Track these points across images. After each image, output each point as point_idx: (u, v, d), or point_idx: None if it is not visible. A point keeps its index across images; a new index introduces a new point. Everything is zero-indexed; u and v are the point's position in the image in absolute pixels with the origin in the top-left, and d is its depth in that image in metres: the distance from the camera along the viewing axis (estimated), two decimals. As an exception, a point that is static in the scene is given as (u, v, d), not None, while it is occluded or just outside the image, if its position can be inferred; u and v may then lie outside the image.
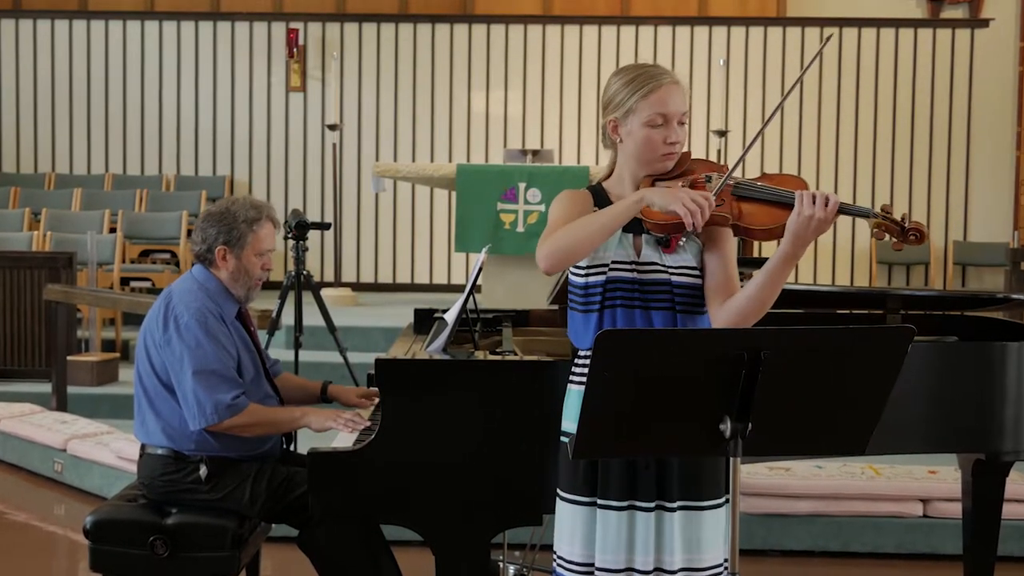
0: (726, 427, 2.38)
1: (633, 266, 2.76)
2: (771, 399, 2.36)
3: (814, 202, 2.57)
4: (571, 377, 2.87)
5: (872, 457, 5.41)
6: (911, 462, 5.39)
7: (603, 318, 2.77)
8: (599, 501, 2.76)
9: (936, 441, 3.57)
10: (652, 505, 2.74)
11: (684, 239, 2.76)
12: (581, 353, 2.84)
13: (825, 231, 2.60)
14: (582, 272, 2.80)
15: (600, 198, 2.86)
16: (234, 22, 11.55)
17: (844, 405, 2.44)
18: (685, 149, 2.83)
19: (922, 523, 5.15)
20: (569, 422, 2.83)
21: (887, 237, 2.65)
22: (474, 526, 3.12)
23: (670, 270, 2.75)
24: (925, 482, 5.21)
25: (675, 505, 2.73)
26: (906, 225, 2.62)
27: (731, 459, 2.42)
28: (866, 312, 4.36)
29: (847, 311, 4.48)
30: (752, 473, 5.16)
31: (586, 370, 2.72)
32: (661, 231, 2.70)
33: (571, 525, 2.80)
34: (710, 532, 2.76)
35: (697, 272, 2.78)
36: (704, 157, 2.88)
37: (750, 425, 2.38)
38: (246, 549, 3.70)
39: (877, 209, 2.64)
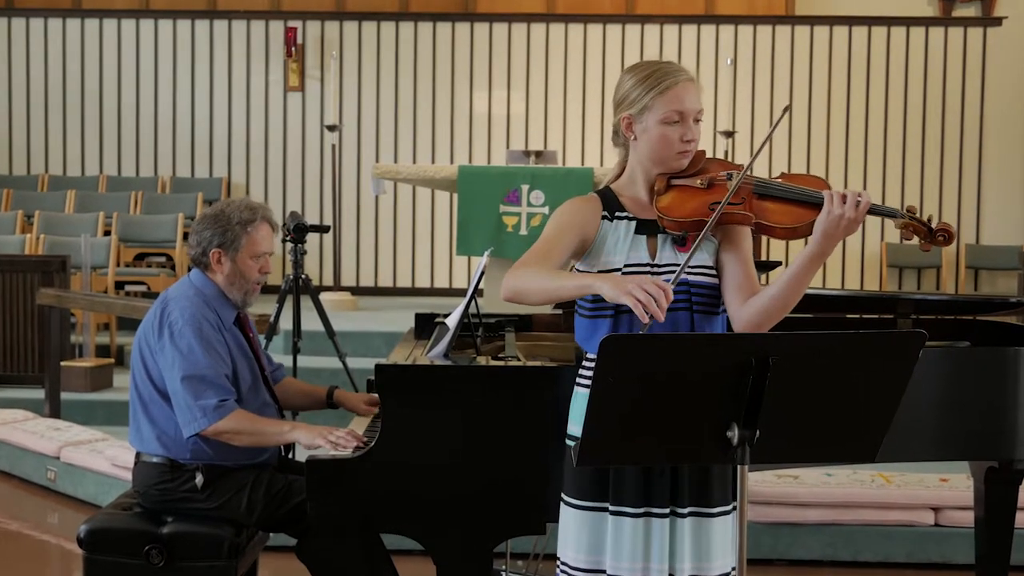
0: (733, 434, 2.38)
1: (650, 268, 2.77)
2: (779, 405, 2.36)
3: (844, 201, 2.59)
4: (578, 380, 2.87)
5: (883, 465, 5.40)
6: (922, 470, 5.39)
7: (619, 323, 2.78)
8: (611, 508, 2.76)
9: (948, 448, 3.57)
10: (667, 511, 2.74)
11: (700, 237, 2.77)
12: (589, 356, 2.84)
13: (854, 231, 2.62)
14: None
15: (610, 202, 2.86)
16: (231, 20, 11.56)
17: (854, 412, 2.44)
18: (700, 148, 2.85)
19: (934, 532, 5.14)
20: (575, 425, 2.83)
21: (915, 238, 2.67)
22: (476, 535, 3.12)
23: (688, 270, 2.75)
24: (937, 490, 5.20)
25: (686, 511, 2.74)
26: (934, 226, 2.66)
27: (738, 467, 2.42)
28: (876, 317, 4.36)
29: (857, 315, 4.48)
30: (760, 481, 5.16)
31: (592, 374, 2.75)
32: (679, 228, 2.73)
33: (577, 530, 2.80)
34: (719, 539, 2.76)
35: (713, 271, 2.80)
36: (714, 157, 2.90)
37: (758, 432, 2.38)
38: (243, 559, 3.71)
39: (903, 210, 2.67)
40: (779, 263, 4.17)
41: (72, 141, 11.64)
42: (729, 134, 10.66)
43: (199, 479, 3.64)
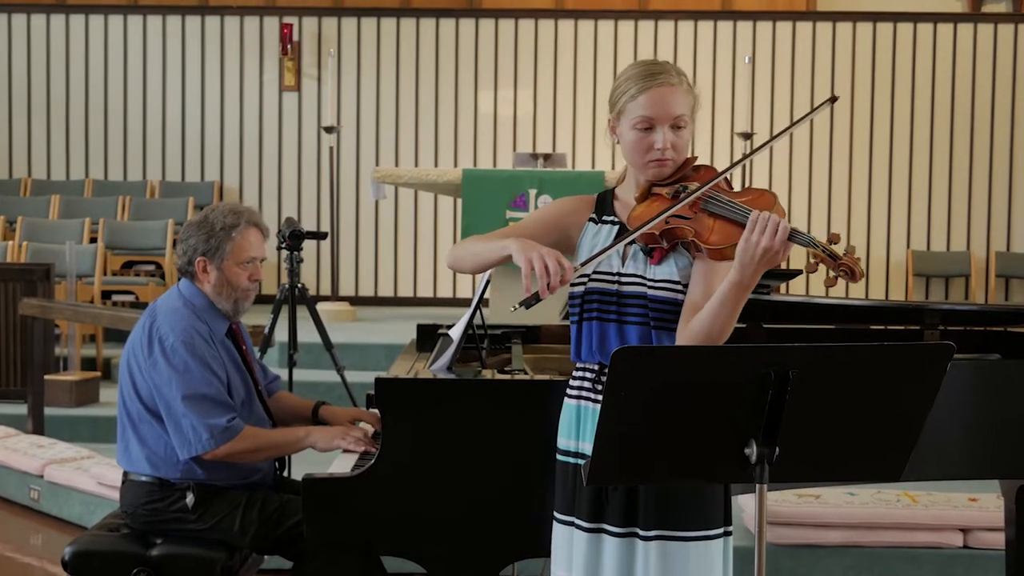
0: (751, 451, 2.39)
1: (616, 277, 2.81)
2: (800, 421, 2.36)
3: (765, 230, 2.52)
4: (567, 391, 2.91)
5: (908, 483, 5.39)
6: (951, 489, 5.38)
7: (581, 330, 2.84)
8: (576, 521, 2.81)
9: (977, 466, 3.56)
10: (622, 531, 2.75)
11: (670, 251, 2.78)
12: (577, 365, 2.89)
13: (777, 263, 2.55)
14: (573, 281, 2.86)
15: (604, 204, 2.94)
16: (223, 17, 11.59)
17: (878, 427, 2.44)
18: (689, 155, 2.86)
19: (962, 554, 5.13)
20: (563, 438, 2.88)
21: (819, 268, 2.59)
22: (481, 558, 3.12)
23: (648, 283, 2.78)
24: (965, 510, 5.19)
25: (651, 534, 2.73)
26: (840, 259, 2.53)
27: (757, 485, 2.42)
28: (902, 328, 4.35)
29: (882, 327, 4.47)
30: (780, 500, 5.16)
31: (580, 384, 2.84)
32: (641, 240, 2.76)
33: (557, 545, 2.87)
34: (696, 567, 2.73)
35: (679, 287, 2.77)
36: (709, 163, 2.87)
37: (777, 449, 2.38)
38: (237, 582, 3.71)
39: (823, 239, 2.56)
40: (799, 271, 4.16)
41: (56, 143, 11.66)
42: (747, 136, 10.66)
43: (190, 499, 3.64)
